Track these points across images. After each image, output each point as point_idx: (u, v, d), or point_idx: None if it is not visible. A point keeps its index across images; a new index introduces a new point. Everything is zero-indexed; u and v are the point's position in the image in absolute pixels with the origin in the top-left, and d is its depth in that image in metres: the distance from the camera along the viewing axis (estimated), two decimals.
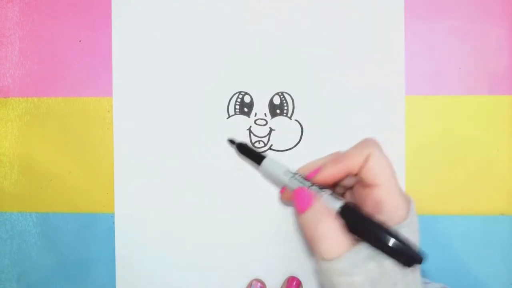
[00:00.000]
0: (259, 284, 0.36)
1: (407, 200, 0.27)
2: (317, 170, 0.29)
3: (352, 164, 0.28)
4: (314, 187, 0.28)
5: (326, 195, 0.28)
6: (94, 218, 0.38)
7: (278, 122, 0.37)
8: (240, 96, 0.37)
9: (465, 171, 0.37)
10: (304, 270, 0.37)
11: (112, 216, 0.38)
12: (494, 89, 0.37)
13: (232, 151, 0.37)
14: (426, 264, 0.37)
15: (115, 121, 0.38)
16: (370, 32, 0.37)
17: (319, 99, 0.37)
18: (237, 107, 0.37)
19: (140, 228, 0.37)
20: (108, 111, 0.38)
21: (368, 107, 0.37)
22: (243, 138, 0.37)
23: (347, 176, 0.29)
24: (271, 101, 0.37)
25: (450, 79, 0.37)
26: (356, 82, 0.37)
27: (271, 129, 0.37)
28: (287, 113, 0.37)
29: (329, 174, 0.28)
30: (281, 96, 0.37)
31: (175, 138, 0.37)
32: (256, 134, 0.37)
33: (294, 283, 0.36)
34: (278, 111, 0.37)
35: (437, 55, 0.37)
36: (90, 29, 0.38)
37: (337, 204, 0.27)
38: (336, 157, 0.29)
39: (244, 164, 0.37)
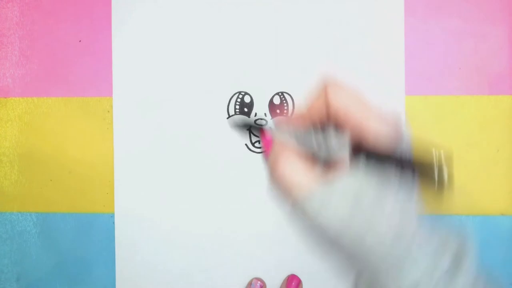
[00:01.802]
0: (259, 282, 0.36)
1: (393, 125, 0.25)
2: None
3: (317, 109, 0.26)
4: (317, 140, 0.25)
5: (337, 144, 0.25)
6: (94, 218, 0.38)
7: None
8: (240, 96, 0.37)
9: (465, 171, 0.37)
10: (304, 270, 0.37)
11: (112, 216, 0.38)
12: (494, 89, 0.37)
13: (232, 151, 0.37)
14: None
15: (115, 121, 0.38)
16: (370, 32, 0.37)
17: None
18: (237, 107, 0.37)
19: (140, 228, 0.37)
20: (108, 111, 0.38)
21: None
22: (243, 138, 0.37)
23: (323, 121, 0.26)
24: (271, 101, 0.37)
25: (450, 79, 0.37)
26: (356, 82, 0.37)
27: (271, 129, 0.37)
28: (287, 113, 0.37)
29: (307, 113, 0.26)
30: (281, 96, 0.37)
31: (175, 138, 0.37)
32: (256, 134, 0.37)
33: (293, 282, 0.36)
34: (278, 111, 0.37)
35: (437, 55, 0.37)
36: (90, 29, 0.38)
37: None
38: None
39: (244, 164, 0.37)
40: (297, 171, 0.25)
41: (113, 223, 0.38)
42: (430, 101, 0.37)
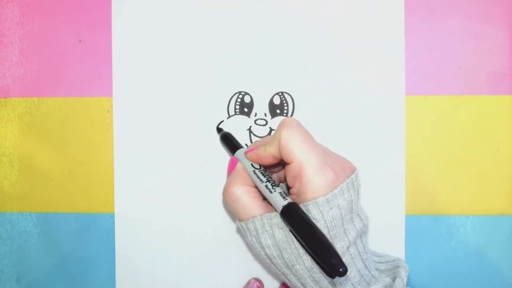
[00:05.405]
0: (256, 283, 0.36)
1: (333, 177, 0.27)
2: (252, 150, 0.30)
3: (272, 149, 0.28)
4: (268, 183, 0.28)
5: (275, 193, 0.27)
6: (94, 218, 0.38)
7: (278, 122, 0.37)
8: (240, 96, 0.37)
9: (465, 171, 0.37)
10: None
11: (112, 216, 0.38)
12: (494, 89, 0.37)
13: None
14: (426, 264, 0.37)
15: (115, 121, 0.38)
16: (370, 32, 0.37)
17: (319, 99, 0.37)
18: (237, 107, 0.37)
19: (140, 228, 0.37)
20: (108, 111, 0.38)
21: (368, 107, 0.37)
22: (243, 138, 0.37)
23: (277, 159, 0.29)
24: (271, 101, 0.37)
25: (450, 79, 0.37)
26: (356, 82, 0.37)
27: (271, 129, 0.37)
28: (287, 113, 0.37)
29: (256, 156, 0.29)
30: (281, 96, 0.37)
31: (175, 138, 0.37)
32: (256, 134, 0.37)
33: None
34: (278, 111, 0.37)
35: (437, 55, 0.37)
36: (90, 29, 0.38)
37: (283, 202, 0.27)
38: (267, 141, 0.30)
39: None
40: (246, 195, 0.28)
41: (113, 223, 0.38)
42: (430, 101, 0.37)
